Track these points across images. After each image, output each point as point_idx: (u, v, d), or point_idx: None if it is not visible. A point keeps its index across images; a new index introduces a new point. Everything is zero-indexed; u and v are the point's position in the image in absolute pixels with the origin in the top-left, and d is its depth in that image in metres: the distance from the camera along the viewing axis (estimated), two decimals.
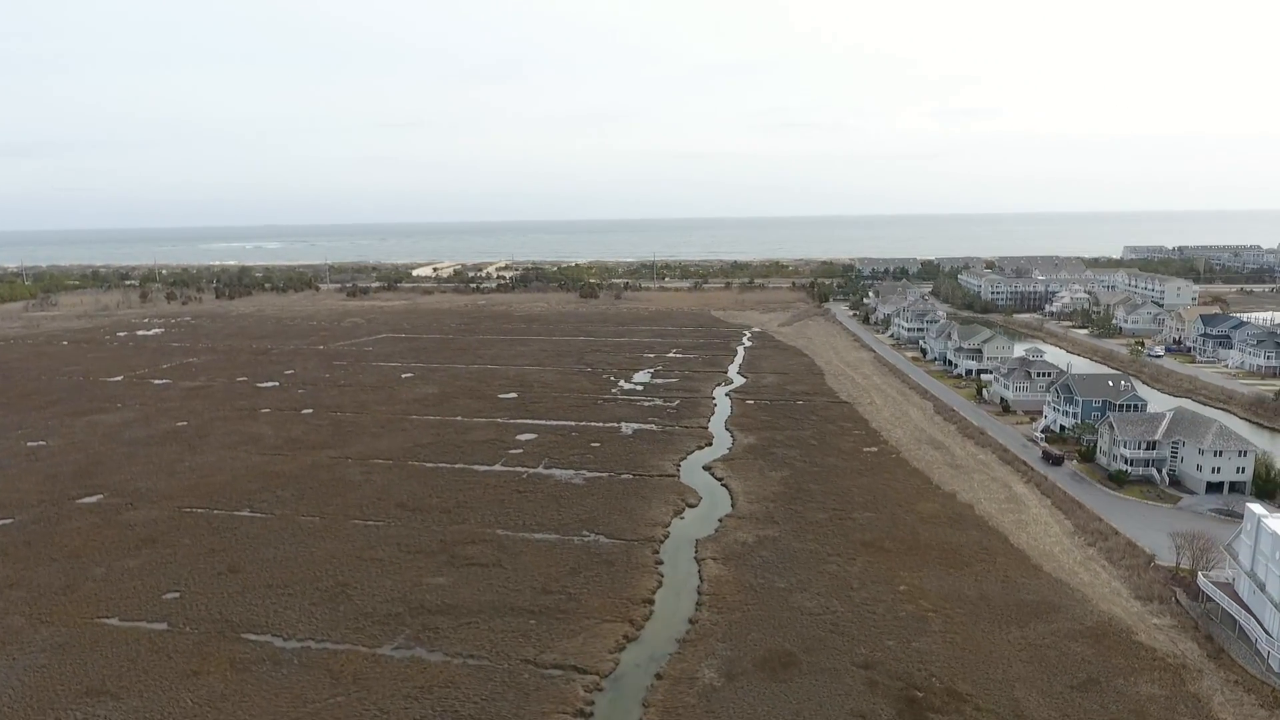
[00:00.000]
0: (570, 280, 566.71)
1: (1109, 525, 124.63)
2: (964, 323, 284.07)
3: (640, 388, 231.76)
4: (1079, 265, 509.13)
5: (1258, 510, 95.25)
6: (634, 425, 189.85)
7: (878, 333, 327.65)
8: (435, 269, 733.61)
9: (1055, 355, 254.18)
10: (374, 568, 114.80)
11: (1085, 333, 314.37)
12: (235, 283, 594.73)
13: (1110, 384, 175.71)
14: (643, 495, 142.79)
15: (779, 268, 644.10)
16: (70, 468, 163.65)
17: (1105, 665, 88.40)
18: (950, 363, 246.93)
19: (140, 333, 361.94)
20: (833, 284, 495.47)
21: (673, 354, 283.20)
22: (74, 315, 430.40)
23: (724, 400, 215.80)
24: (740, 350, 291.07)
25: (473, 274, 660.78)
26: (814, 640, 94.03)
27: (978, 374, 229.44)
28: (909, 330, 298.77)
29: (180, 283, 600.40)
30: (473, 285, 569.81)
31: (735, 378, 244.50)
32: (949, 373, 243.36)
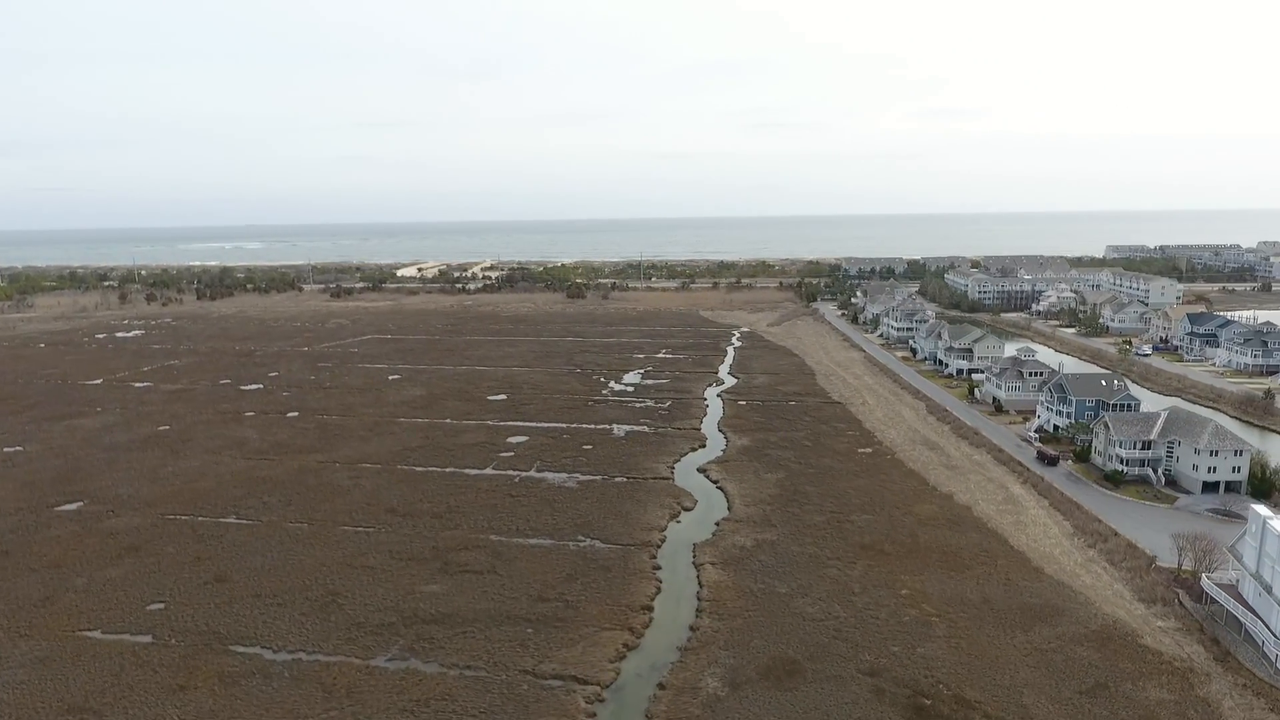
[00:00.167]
0: (557, 280, 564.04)
1: (1108, 526, 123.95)
2: (952, 322, 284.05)
3: (631, 389, 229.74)
4: (1064, 264, 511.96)
5: (1263, 512, 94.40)
6: (626, 427, 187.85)
7: (867, 332, 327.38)
8: (419, 269, 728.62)
9: (1045, 354, 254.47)
10: (365, 575, 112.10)
11: (1073, 332, 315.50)
12: (217, 283, 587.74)
13: (1103, 383, 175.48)
14: (637, 499, 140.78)
15: (765, 267, 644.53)
16: (49, 474, 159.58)
17: (1113, 670, 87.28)
18: (941, 362, 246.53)
19: (120, 335, 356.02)
20: (820, 283, 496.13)
21: (662, 354, 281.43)
22: (51, 317, 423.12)
23: (716, 401, 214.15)
24: (730, 350, 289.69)
25: (458, 274, 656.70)
26: (818, 647, 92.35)
27: (969, 374, 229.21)
28: (898, 330, 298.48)
29: (160, 283, 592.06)
30: (458, 286, 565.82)
31: (726, 378, 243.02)
32: (940, 372, 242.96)
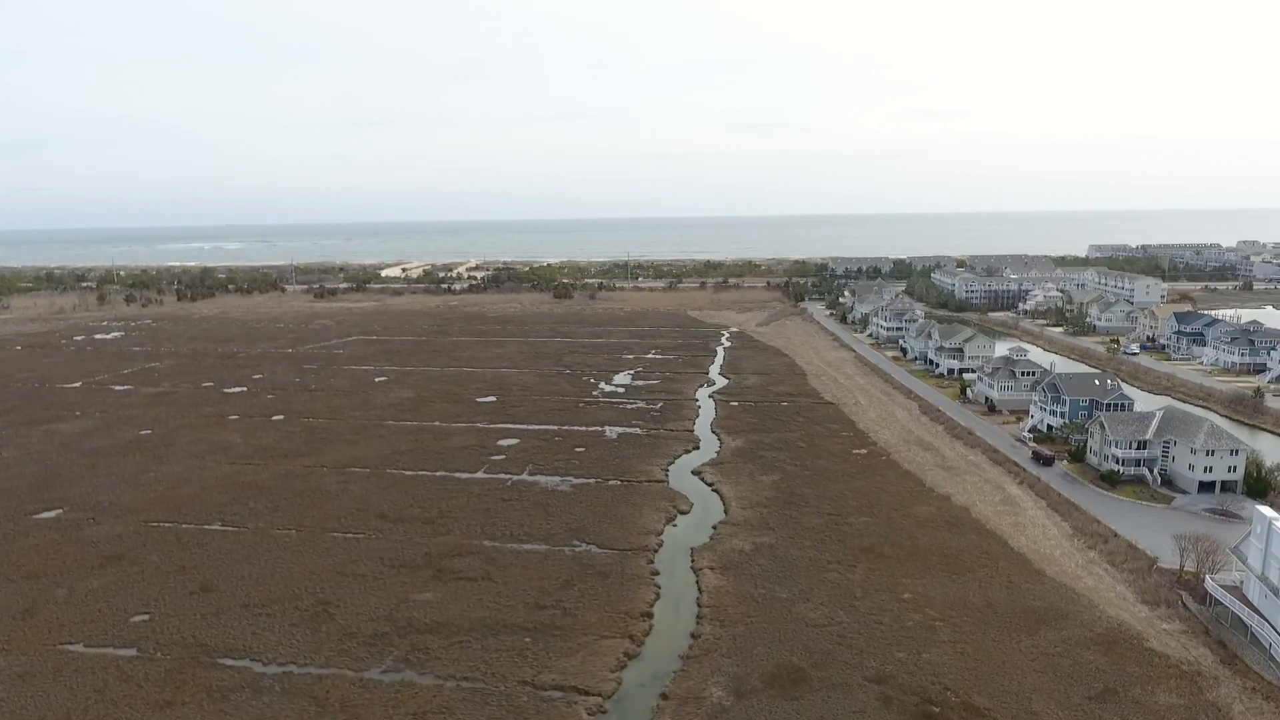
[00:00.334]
0: (543, 280, 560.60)
1: (1107, 527, 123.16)
2: (940, 321, 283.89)
3: (621, 390, 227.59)
4: (1049, 264, 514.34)
5: (1268, 513, 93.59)
6: (618, 429, 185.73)
7: (856, 332, 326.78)
8: (404, 269, 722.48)
9: (1035, 354, 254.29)
10: (356, 584, 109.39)
11: (1060, 331, 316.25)
12: (198, 284, 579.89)
13: (1097, 383, 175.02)
14: (632, 502, 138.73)
15: (752, 267, 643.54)
16: (26, 480, 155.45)
17: (1121, 674, 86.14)
18: (932, 362, 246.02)
19: (99, 336, 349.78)
20: (807, 283, 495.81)
21: (652, 355, 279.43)
22: (27, 319, 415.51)
23: (707, 402, 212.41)
24: (720, 350, 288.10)
25: (443, 274, 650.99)
26: (822, 654, 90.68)
27: (960, 373, 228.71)
28: (888, 329, 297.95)
29: (139, 284, 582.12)
30: (444, 286, 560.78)
31: (717, 379, 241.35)
32: (931, 372, 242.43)
